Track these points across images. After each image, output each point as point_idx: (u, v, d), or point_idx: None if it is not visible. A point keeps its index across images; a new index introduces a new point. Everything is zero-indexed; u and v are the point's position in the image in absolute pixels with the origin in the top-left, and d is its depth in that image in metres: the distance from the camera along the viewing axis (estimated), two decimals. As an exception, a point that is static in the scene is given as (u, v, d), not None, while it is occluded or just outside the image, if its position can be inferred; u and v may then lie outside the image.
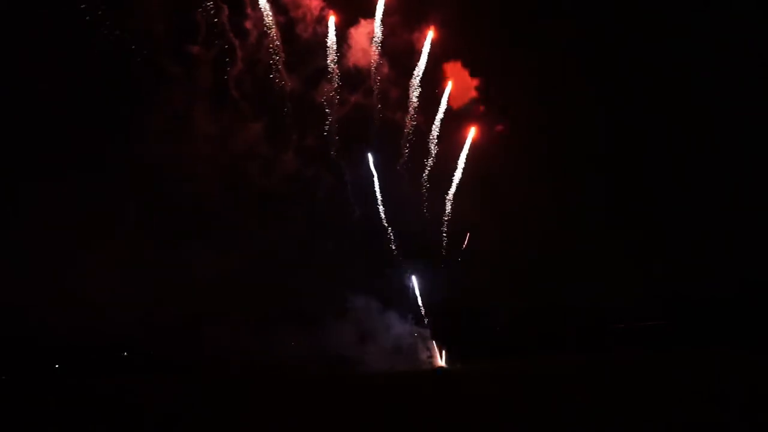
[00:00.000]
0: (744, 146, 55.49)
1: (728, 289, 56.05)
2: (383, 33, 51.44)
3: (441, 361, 56.29)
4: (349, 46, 51.76)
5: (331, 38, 50.58)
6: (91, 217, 50.46)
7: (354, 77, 52.82)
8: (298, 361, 51.46)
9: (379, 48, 51.73)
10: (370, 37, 51.54)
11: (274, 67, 50.58)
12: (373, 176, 54.38)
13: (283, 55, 50.67)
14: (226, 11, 49.16)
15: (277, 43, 50.04)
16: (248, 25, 50.11)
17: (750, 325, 52.18)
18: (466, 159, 54.43)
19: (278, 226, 52.93)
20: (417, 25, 52.44)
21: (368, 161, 54.44)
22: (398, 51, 52.83)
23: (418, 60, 52.40)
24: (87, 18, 43.82)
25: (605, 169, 57.40)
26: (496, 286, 55.90)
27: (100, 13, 43.89)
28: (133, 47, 46.87)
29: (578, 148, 56.03)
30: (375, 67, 52.26)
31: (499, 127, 55.28)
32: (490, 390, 31.22)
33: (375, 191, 54.35)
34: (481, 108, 54.72)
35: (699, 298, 56.85)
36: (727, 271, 55.15)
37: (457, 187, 54.95)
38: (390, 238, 54.66)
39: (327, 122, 52.67)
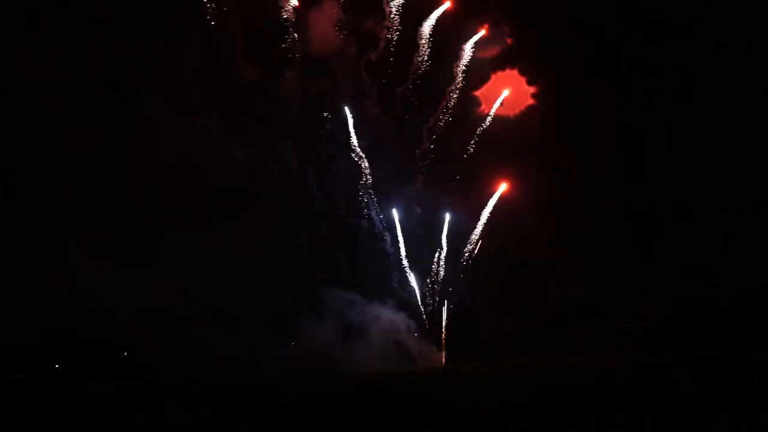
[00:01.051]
0: (744, 146, 55.59)
1: (729, 290, 56.10)
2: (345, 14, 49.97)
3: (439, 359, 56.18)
4: (309, 28, 50.05)
5: (290, 16, 48.73)
6: (88, 216, 50.44)
7: (317, 62, 51.14)
8: (289, 362, 51.34)
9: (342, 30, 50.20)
10: (333, 20, 49.93)
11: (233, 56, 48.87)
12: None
13: (242, 43, 48.99)
14: None
15: (232, 31, 48.26)
16: (205, 12, 47.78)
17: (750, 325, 52.19)
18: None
19: (254, 223, 52.30)
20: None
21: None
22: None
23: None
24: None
25: (605, 169, 57.42)
26: (497, 287, 55.98)
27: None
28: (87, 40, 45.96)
29: (578, 148, 56.08)
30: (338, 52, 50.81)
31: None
32: (490, 390, 31.21)
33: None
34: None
35: (699, 299, 56.88)
36: (728, 271, 55.19)
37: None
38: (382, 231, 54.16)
39: (290, 111, 51.42)
